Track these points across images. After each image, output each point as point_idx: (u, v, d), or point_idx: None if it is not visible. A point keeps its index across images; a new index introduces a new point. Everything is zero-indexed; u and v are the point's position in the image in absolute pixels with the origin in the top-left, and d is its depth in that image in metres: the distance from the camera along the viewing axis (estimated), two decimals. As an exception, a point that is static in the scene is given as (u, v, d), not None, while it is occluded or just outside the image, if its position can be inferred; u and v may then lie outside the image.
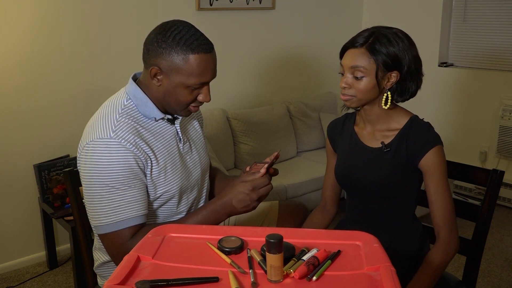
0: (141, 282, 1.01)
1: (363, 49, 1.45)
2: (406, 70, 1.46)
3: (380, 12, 4.25)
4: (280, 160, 3.57)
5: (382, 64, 1.44)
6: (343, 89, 1.49)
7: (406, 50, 1.46)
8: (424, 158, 1.48)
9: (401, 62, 1.45)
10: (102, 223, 1.40)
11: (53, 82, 2.84)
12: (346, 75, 1.49)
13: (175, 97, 1.43)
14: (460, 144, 3.86)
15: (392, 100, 1.50)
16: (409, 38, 1.49)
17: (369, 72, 1.45)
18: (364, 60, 1.44)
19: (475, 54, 3.81)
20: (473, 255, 1.69)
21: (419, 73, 1.51)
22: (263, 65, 3.78)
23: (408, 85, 1.50)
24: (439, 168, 1.48)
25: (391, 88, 1.49)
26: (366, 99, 1.49)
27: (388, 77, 1.47)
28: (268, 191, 1.42)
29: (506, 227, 3.34)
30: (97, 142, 1.37)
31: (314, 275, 1.05)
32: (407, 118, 1.54)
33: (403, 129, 1.53)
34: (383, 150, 1.53)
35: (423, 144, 1.48)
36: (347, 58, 1.48)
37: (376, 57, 1.44)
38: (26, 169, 2.82)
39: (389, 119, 1.55)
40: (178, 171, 1.51)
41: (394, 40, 1.45)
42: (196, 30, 1.41)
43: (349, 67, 1.47)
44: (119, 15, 3.00)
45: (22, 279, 2.78)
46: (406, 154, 1.50)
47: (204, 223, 1.44)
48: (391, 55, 1.44)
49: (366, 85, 1.46)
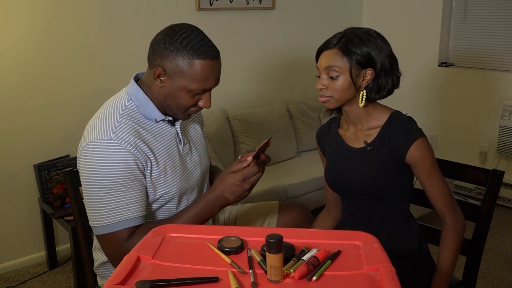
0: (141, 282, 1.01)
1: (335, 49, 1.49)
2: (380, 67, 1.48)
3: (380, 12, 4.25)
4: (280, 160, 3.57)
5: (356, 62, 1.46)
6: (320, 90, 1.52)
7: (379, 47, 1.48)
8: (408, 152, 1.49)
9: (374, 60, 1.47)
10: (100, 224, 1.40)
11: (53, 82, 2.84)
12: (322, 77, 1.51)
13: (176, 100, 1.43)
14: (460, 144, 3.86)
15: (368, 98, 1.51)
16: (381, 37, 1.51)
17: (343, 71, 1.47)
18: (337, 60, 1.47)
19: (475, 54, 3.81)
20: (473, 255, 1.69)
21: (394, 69, 1.53)
22: (263, 65, 3.78)
23: (383, 82, 1.51)
24: (426, 159, 1.50)
25: (367, 86, 1.50)
26: (344, 99, 1.51)
27: (363, 75, 1.49)
28: (258, 179, 1.43)
29: (506, 227, 3.35)
30: (97, 143, 1.37)
31: (314, 275, 1.05)
32: (387, 114, 1.56)
33: (384, 125, 1.54)
34: (366, 149, 1.55)
35: (405, 139, 1.49)
36: (322, 60, 1.52)
37: (349, 55, 1.46)
38: (26, 169, 2.82)
39: (369, 118, 1.56)
40: (178, 173, 1.51)
41: (366, 39, 1.48)
42: (204, 36, 1.41)
43: (323, 68, 1.50)
44: (120, 15, 3.00)
45: (22, 279, 2.78)
46: (389, 150, 1.51)
47: (198, 218, 1.44)
48: (363, 53, 1.46)
49: (342, 84, 1.48)
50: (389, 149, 1.51)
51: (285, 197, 3.13)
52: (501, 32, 3.64)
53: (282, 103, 3.76)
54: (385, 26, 4.22)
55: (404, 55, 4.09)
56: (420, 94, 4.06)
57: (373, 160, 1.54)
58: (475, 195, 3.75)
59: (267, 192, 3.01)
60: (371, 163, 1.54)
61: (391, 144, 1.51)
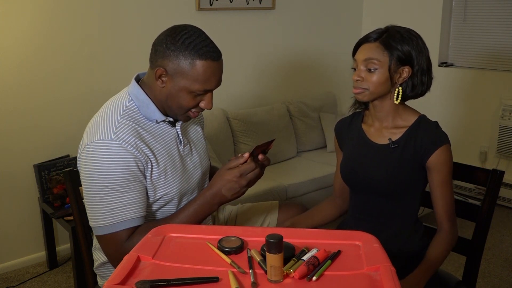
0: (141, 282, 1.01)
1: (377, 43, 1.49)
2: (417, 66, 1.49)
3: (380, 12, 4.25)
4: (280, 160, 3.57)
5: (396, 57, 1.47)
6: (355, 81, 1.51)
7: (419, 48, 1.49)
8: (432, 156, 1.49)
9: (413, 58, 1.48)
10: (99, 224, 1.40)
11: (53, 82, 2.84)
12: (359, 68, 1.51)
13: (177, 101, 1.43)
14: (460, 144, 3.86)
15: (403, 95, 1.52)
16: (421, 39, 1.52)
17: (383, 65, 1.47)
18: (378, 53, 1.48)
19: (475, 54, 3.81)
20: (473, 255, 1.69)
21: (430, 72, 1.54)
22: (263, 65, 3.78)
23: (418, 82, 1.51)
24: (446, 166, 1.51)
25: (402, 83, 1.51)
26: (378, 93, 1.51)
27: (400, 72, 1.49)
28: (255, 175, 1.42)
29: (506, 227, 3.35)
30: (98, 144, 1.37)
31: (314, 275, 1.05)
32: (415, 116, 1.57)
33: (411, 126, 1.54)
34: (390, 146, 1.55)
35: (432, 143, 1.50)
36: (361, 52, 1.51)
37: (390, 51, 1.47)
38: (26, 169, 2.82)
39: (397, 116, 1.57)
40: (178, 174, 1.50)
41: (408, 37, 1.49)
42: (206, 37, 1.41)
43: (362, 60, 1.50)
44: (120, 15, 3.00)
45: (22, 279, 2.78)
46: (414, 151, 1.52)
47: (197, 215, 1.44)
48: (404, 50, 1.47)
49: (379, 78, 1.48)
50: (414, 149, 1.52)
51: (285, 197, 3.13)
52: (501, 32, 3.64)
53: (282, 103, 3.76)
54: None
55: (404, 55, 4.11)
56: (420, 94, 4.05)
57: (395, 158, 1.54)
58: (475, 195, 3.75)
59: (267, 192, 3.01)
60: (393, 161, 1.54)
61: (417, 145, 1.51)
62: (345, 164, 1.66)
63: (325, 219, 1.77)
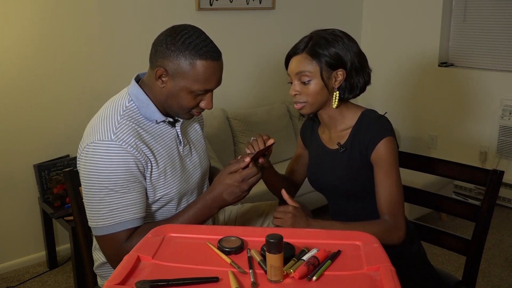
0: (141, 282, 1.01)
1: (304, 54, 1.49)
2: (350, 66, 1.48)
3: (380, 13, 4.25)
4: (281, 160, 3.57)
5: (325, 64, 1.46)
6: (294, 97, 1.52)
7: (346, 47, 1.47)
8: (374, 151, 1.47)
9: (343, 59, 1.47)
10: (99, 225, 1.40)
11: (53, 82, 2.84)
12: (294, 83, 1.51)
13: (178, 101, 1.43)
14: (460, 144, 3.86)
15: (342, 98, 1.51)
16: (348, 36, 1.51)
17: (314, 75, 1.47)
18: (307, 64, 1.47)
19: (475, 54, 3.81)
20: (473, 255, 1.69)
21: (364, 67, 1.52)
22: (263, 65, 3.78)
23: (355, 80, 1.50)
24: (387, 159, 1.46)
25: (339, 87, 1.50)
26: (318, 103, 1.51)
27: (334, 76, 1.48)
28: (257, 180, 1.43)
29: (506, 227, 3.35)
30: (98, 144, 1.37)
31: (314, 275, 1.05)
32: (358, 113, 1.54)
33: (355, 126, 1.53)
34: (339, 151, 1.54)
35: (372, 138, 1.47)
36: (292, 66, 1.52)
37: (318, 58, 1.46)
38: (26, 169, 2.82)
39: (342, 119, 1.56)
40: (177, 174, 1.50)
41: (333, 40, 1.47)
42: (206, 37, 1.41)
43: (294, 73, 1.50)
44: (119, 15, 3.00)
45: (22, 279, 2.78)
46: (359, 151, 1.50)
47: (197, 218, 1.44)
48: (332, 54, 1.46)
49: (314, 88, 1.48)
50: (359, 149, 1.50)
51: (285, 197, 3.13)
52: (501, 32, 3.64)
53: (282, 103, 3.76)
54: (385, 27, 4.24)
55: (404, 55, 4.11)
56: (420, 94, 4.06)
57: (345, 162, 1.54)
58: (475, 195, 3.75)
59: (267, 192, 2.98)
60: (344, 165, 1.54)
61: (360, 145, 1.50)
62: (309, 169, 1.69)
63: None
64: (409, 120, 4.15)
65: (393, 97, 4.20)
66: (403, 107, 4.14)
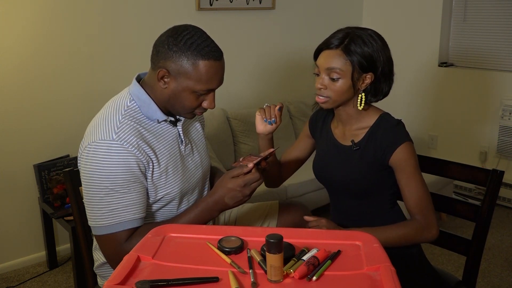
0: (141, 282, 1.01)
1: (338, 51, 1.46)
2: (380, 71, 1.48)
3: (380, 12, 4.25)
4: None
5: (358, 65, 1.45)
6: (318, 90, 1.51)
7: (380, 51, 1.47)
8: (393, 155, 1.48)
9: (375, 63, 1.47)
10: (99, 225, 1.40)
11: (53, 82, 2.84)
12: (322, 76, 1.50)
13: (180, 101, 1.43)
14: (460, 144, 3.86)
15: (366, 101, 1.51)
16: (382, 39, 1.50)
17: (345, 74, 1.46)
18: (340, 62, 1.46)
19: (475, 54, 3.81)
20: (473, 255, 1.69)
21: (391, 74, 1.53)
22: (263, 65, 3.78)
23: (381, 86, 1.51)
24: (408, 164, 1.48)
25: (365, 89, 1.50)
26: (341, 100, 1.51)
27: (363, 78, 1.48)
28: (259, 185, 1.43)
29: (506, 227, 3.34)
30: (99, 144, 1.37)
31: (314, 275, 1.05)
32: (376, 116, 1.56)
33: (372, 127, 1.54)
34: (352, 148, 1.55)
35: (391, 142, 1.49)
36: (323, 59, 1.49)
37: (352, 58, 1.45)
38: (26, 169, 2.82)
39: (360, 118, 1.56)
40: (179, 174, 1.50)
41: (369, 41, 1.46)
42: (208, 37, 1.41)
43: (325, 68, 1.48)
44: (120, 15, 3.00)
45: (22, 279, 2.78)
46: (374, 152, 1.51)
47: (197, 221, 1.44)
48: (366, 56, 1.45)
49: (342, 87, 1.47)
50: (374, 150, 1.51)
51: (285, 197, 3.13)
52: (501, 32, 3.64)
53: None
54: (385, 26, 4.23)
55: (404, 55, 4.11)
56: (420, 94, 4.06)
57: (357, 160, 1.54)
58: (475, 195, 3.75)
59: (267, 192, 3.01)
60: (355, 163, 1.54)
61: (376, 146, 1.51)
62: (316, 162, 1.69)
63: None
64: (409, 120, 4.15)
65: (393, 97, 4.19)
66: (403, 107, 4.14)
